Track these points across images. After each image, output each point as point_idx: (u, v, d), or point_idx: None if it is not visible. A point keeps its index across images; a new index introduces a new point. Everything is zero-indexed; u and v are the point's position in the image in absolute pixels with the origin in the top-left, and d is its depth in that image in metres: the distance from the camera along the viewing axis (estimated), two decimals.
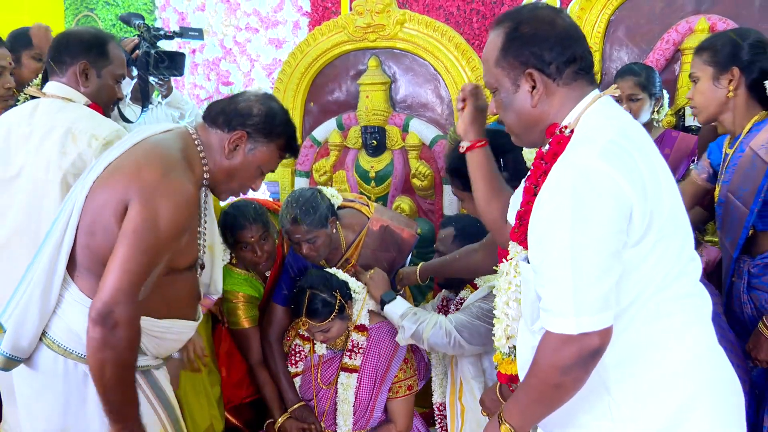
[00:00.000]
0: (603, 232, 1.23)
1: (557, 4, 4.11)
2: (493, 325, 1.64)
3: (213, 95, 5.75)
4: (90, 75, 2.14)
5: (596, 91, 1.41)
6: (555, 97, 1.38)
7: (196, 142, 1.77)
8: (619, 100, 2.68)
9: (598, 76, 3.13)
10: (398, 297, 2.41)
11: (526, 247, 1.39)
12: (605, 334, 1.26)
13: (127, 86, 2.92)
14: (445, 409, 2.50)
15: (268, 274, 2.66)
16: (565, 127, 1.36)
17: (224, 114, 1.78)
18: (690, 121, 3.01)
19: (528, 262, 1.38)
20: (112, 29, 5.90)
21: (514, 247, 1.48)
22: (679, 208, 1.37)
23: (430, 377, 2.59)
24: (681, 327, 1.35)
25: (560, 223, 1.24)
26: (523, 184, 1.50)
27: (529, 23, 1.37)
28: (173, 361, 2.05)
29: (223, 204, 2.60)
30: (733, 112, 2.09)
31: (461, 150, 1.71)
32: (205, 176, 1.77)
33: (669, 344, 1.34)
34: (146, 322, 1.72)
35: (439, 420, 2.54)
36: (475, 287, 2.40)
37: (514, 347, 1.56)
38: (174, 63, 2.79)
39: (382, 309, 2.43)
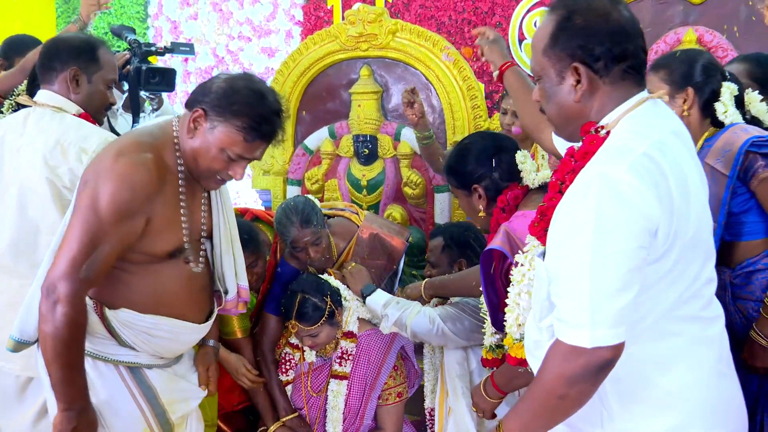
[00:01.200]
0: (625, 246, 1.20)
1: None
2: (480, 321, 1.63)
3: None
4: (81, 81, 2.12)
5: (644, 93, 1.35)
6: (598, 94, 1.33)
7: (174, 128, 1.77)
8: None
9: None
10: (378, 289, 2.41)
11: (544, 243, 1.37)
12: (617, 349, 1.23)
13: (119, 99, 2.93)
14: None
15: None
16: (602, 127, 1.32)
17: (192, 94, 1.76)
18: None
19: (543, 259, 1.36)
20: (104, 37, 5.90)
21: (531, 241, 1.46)
22: (705, 229, 1.34)
23: (421, 384, 2.59)
24: (684, 348, 1.32)
25: (582, 235, 1.21)
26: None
27: (582, 14, 1.31)
28: (206, 348, 2.01)
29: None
30: (687, 130, 2.13)
31: (495, 78, 1.92)
32: (179, 162, 1.75)
33: (670, 364, 1.31)
34: (128, 314, 1.73)
35: (430, 426, 2.54)
36: None
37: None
38: (165, 79, 2.81)
39: (363, 302, 2.43)
